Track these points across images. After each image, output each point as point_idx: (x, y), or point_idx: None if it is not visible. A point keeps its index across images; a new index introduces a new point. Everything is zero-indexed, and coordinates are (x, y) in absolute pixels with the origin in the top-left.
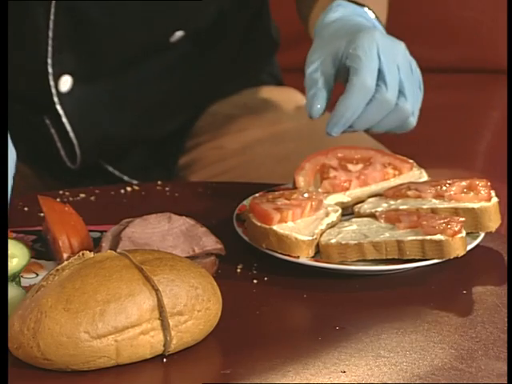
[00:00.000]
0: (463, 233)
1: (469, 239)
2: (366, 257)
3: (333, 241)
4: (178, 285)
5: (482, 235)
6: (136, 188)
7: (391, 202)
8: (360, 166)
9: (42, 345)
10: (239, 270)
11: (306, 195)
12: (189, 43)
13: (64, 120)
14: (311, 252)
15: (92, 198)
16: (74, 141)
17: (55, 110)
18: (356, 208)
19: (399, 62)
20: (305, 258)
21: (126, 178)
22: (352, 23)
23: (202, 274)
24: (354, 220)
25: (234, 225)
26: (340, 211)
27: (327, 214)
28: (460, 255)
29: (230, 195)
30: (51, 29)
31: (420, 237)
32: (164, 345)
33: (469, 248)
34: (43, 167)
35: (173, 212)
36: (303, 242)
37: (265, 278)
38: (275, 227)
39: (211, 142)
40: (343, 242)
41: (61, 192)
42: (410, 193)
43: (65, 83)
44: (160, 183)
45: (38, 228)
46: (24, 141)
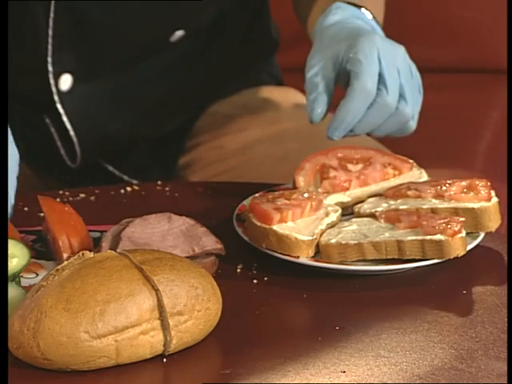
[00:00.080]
0: (463, 233)
1: (469, 239)
2: (366, 257)
3: (333, 241)
4: (178, 285)
5: (482, 235)
6: (136, 188)
7: (391, 202)
8: (360, 166)
9: (42, 345)
10: (239, 270)
11: (306, 195)
12: (189, 43)
13: (64, 119)
14: (311, 252)
15: (92, 198)
16: (74, 139)
17: (55, 109)
18: (356, 208)
19: (399, 66)
20: (305, 258)
21: (126, 178)
22: (351, 26)
23: (202, 274)
24: (354, 220)
25: (234, 225)
26: (340, 211)
27: (327, 214)
28: (460, 255)
29: (230, 195)
30: (51, 27)
31: (420, 237)
32: (164, 345)
33: (469, 248)
34: (43, 167)
35: (173, 212)
36: (303, 242)
37: (265, 278)
38: (275, 227)
39: (211, 142)
40: (343, 242)
41: (61, 192)
42: (410, 193)
43: (65, 82)
44: (160, 183)
45: (38, 228)
46: (24, 140)
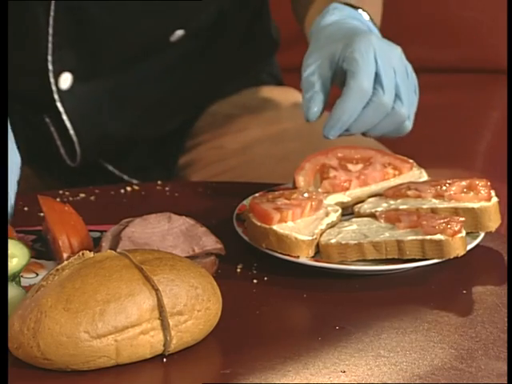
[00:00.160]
0: (463, 233)
1: (469, 239)
2: (366, 257)
3: (333, 241)
4: (178, 284)
5: (482, 235)
6: (136, 188)
7: (391, 202)
8: (360, 166)
9: (42, 345)
10: (239, 270)
11: (306, 195)
12: (189, 43)
13: (64, 117)
14: (311, 252)
15: (92, 198)
16: (74, 138)
17: (55, 108)
18: (356, 208)
19: (395, 66)
20: (305, 258)
21: (126, 178)
22: (348, 26)
23: (202, 274)
24: (354, 220)
25: (234, 225)
26: (340, 211)
27: (327, 214)
28: (460, 255)
29: (230, 195)
30: (51, 26)
31: (420, 236)
32: (164, 344)
33: (469, 248)
34: (43, 166)
35: (173, 212)
36: (303, 242)
37: (265, 278)
38: (275, 227)
39: (211, 142)
40: (343, 242)
41: (61, 192)
42: (410, 193)
43: (65, 80)
44: (160, 183)
45: (38, 228)
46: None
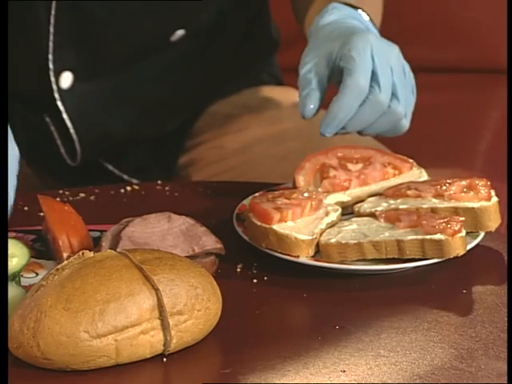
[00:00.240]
0: (463, 232)
1: (469, 239)
2: (366, 256)
3: (333, 240)
4: (178, 284)
5: (482, 235)
6: (136, 187)
7: (391, 202)
8: (360, 166)
9: (42, 344)
10: (239, 270)
11: (306, 195)
12: (189, 42)
13: (64, 116)
14: (311, 251)
15: (92, 198)
16: (75, 137)
17: (56, 107)
18: (356, 207)
19: (392, 65)
20: (305, 258)
21: (126, 177)
22: (346, 25)
23: (202, 274)
24: (354, 219)
25: (234, 224)
26: (340, 211)
27: (327, 214)
28: (460, 255)
29: (230, 195)
30: (52, 24)
31: (420, 236)
32: (164, 344)
33: (469, 247)
34: (43, 166)
35: (172, 211)
36: (303, 242)
37: (265, 278)
38: (275, 227)
39: (211, 142)
40: (343, 242)
41: (60, 191)
42: (410, 192)
43: (66, 80)
44: (160, 183)
45: (38, 227)
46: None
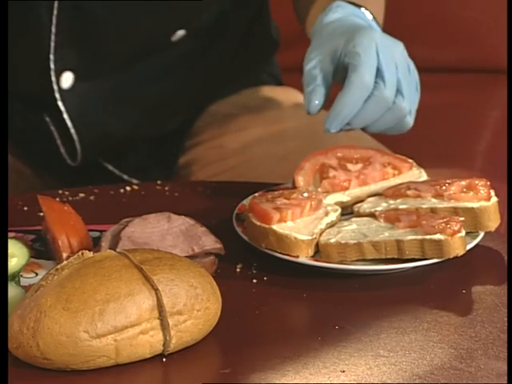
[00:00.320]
0: (463, 232)
1: (468, 239)
2: (366, 256)
3: (332, 240)
4: (178, 284)
5: (482, 235)
6: (135, 187)
7: (391, 202)
8: (359, 166)
9: (42, 344)
10: (239, 270)
11: (306, 195)
12: (190, 42)
13: (65, 116)
14: (311, 251)
15: (91, 198)
16: (75, 137)
17: (56, 107)
18: (355, 207)
19: (397, 61)
20: (304, 258)
21: (126, 177)
22: (350, 23)
23: (202, 274)
24: (354, 219)
25: (234, 224)
26: (339, 211)
27: (327, 214)
28: (459, 255)
29: (230, 195)
30: (54, 24)
31: (419, 236)
32: (163, 344)
33: (468, 247)
34: (43, 166)
35: (172, 211)
36: (303, 242)
37: (264, 278)
38: (275, 227)
39: (211, 142)
40: (343, 242)
41: (60, 191)
42: (410, 192)
43: (66, 79)
44: (159, 183)
45: (38, 227)
46: (24, 140)
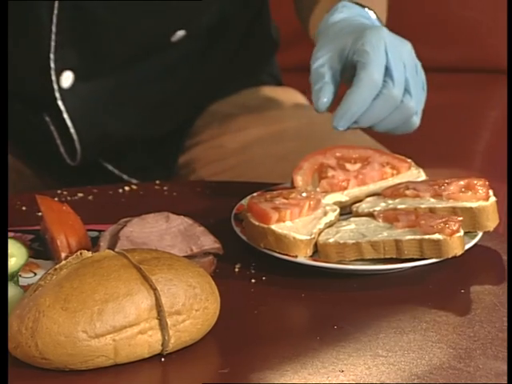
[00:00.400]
0: (461, 232)
1: (467, 238)
2: (364, 256)
3: (331, 240)
4: (176, 284)
5: (480, 234)
6: (134, 187)
7: (389, 202)
8: (358, 166)
9: (40, 344)
10: (237, 270)
11: (304, 194)
12: (190, 43)
13: (65, 116)
14: (309, 251)
15: (90, 198)
16: (75, 137)
17: (56, 106)
18: (354, 207)
19: (405, 61)
20: (303, 258)
21: (126, 177)
22: (357, 23)
23: (200, 274)
24: (352, 219)
25: (232, 224)
26: (338, 210)
27: (325, 214)
28: (458, 254)
29: (229, 194)
30: (54, 24)
31: (418, 236)
32: (162, 344)
33: (467, 247)
34: (42, 166)
35: (171, 211)
36: (301, 242)
37: (263, 278)
38: (273, 226)
39: (211, 141)
40: (341, 242)
41: (59, 191)
42: (408, 192)
43: (66, 79)
44: (158, 182)
45: (36, 227)
46: (23, 139)
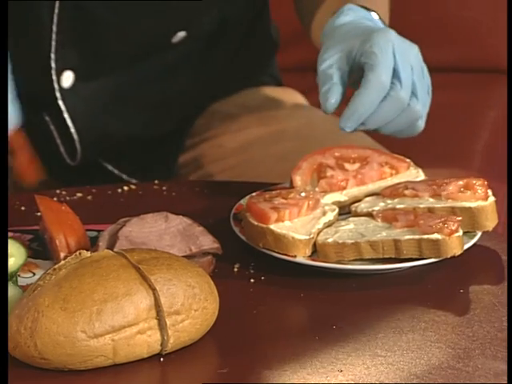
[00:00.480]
0: (460, 232)
1: (466, 238)
2: (363, 256)
3: (330, 240)
4: (175, 284)
5: (479, 234)
6: (133, 187)
7: (388, 201)
8: (357, 165)
9: (39, 344)
10: (236, 270)
11: (303, 194)
12: (190, 44)
13: (65, 115)
14: (308, 251)
15: (89, 197)
16: (75, 136)
17: (57, 106)
18: (353, 207)
19: (413, 63)
20: (302, 258)
21: (125, 177)
22: (363, 26)
23: (199, 274)
24: (351, 219)
25: (231, 224)
26: (337, 210)
27: (324, 213)
28: (457, 254)
29: (227, 194)
30: (55, 23)
31: (417, 236)
32: (161, 344)
33: (466, 247)
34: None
35: (170, 211)
36: (300, 242)
37: (262, 278)
38: (272, 226)
39: (210, 141)
40: (340, 242)
41: (58, 191)
42: (407, 192)
43: (67, 79)
44: (157, 182)
45: (35, 227)
46: None
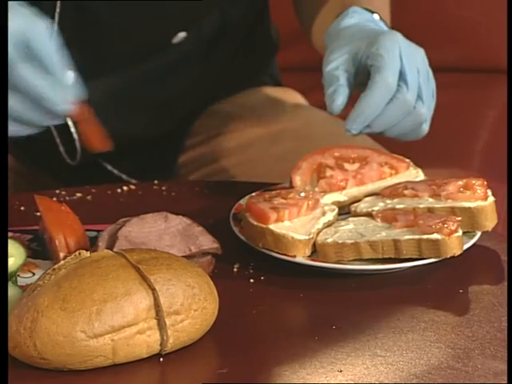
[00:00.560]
0: (460, 232)
1: (465, 238)
2: (363, 256)
3: (329, 240)
4: (175, 284)
5: (479, 234)
6: (133, 187)
7: (388, 201)
8: (357, 166)
9: (39, 344)
10: (236, 270)
11: (303, 194)
12: (191, 44)
13: None
14: (308, 251)
15: (88, 198)
16: (75, 136)
17: None
18: (352, 207)
19: (419, 66)
20: (301, 258)
21: (125, 177)
22: (368, 28)
23: (199, 274)
24: (351, 219)
25: (231, 224)
26: (336, 210)
27: (324, 214)
28: (456, 254)
29: (227, 194)
30: (56, 23)
31: (416, 236)
32: (160, 344)
33: (465, 247)
34: (41, 165)
35: (169, 211)
36: (300, 242)
37: (261, 278)
38: (272, 226)
39: (210, 141)
40: (340, 242)
41: (57, 191)
42: (407, 192)
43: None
44: (157, 182)
45: (35, 227)
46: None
